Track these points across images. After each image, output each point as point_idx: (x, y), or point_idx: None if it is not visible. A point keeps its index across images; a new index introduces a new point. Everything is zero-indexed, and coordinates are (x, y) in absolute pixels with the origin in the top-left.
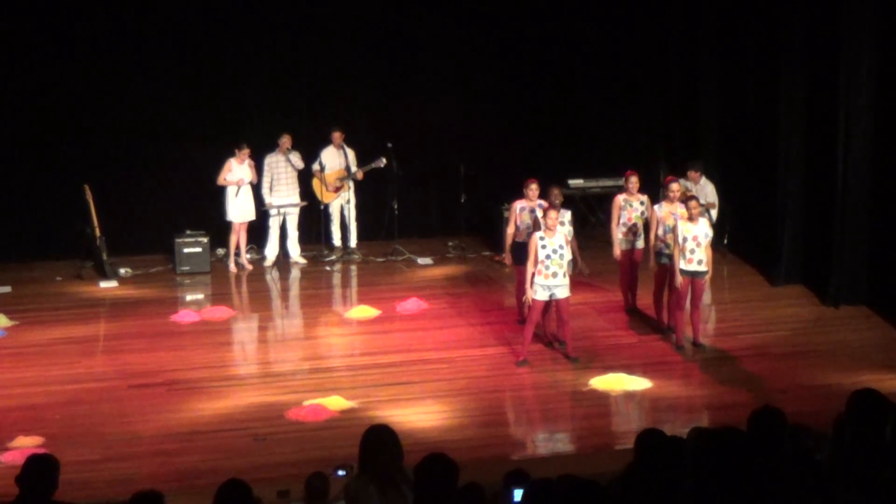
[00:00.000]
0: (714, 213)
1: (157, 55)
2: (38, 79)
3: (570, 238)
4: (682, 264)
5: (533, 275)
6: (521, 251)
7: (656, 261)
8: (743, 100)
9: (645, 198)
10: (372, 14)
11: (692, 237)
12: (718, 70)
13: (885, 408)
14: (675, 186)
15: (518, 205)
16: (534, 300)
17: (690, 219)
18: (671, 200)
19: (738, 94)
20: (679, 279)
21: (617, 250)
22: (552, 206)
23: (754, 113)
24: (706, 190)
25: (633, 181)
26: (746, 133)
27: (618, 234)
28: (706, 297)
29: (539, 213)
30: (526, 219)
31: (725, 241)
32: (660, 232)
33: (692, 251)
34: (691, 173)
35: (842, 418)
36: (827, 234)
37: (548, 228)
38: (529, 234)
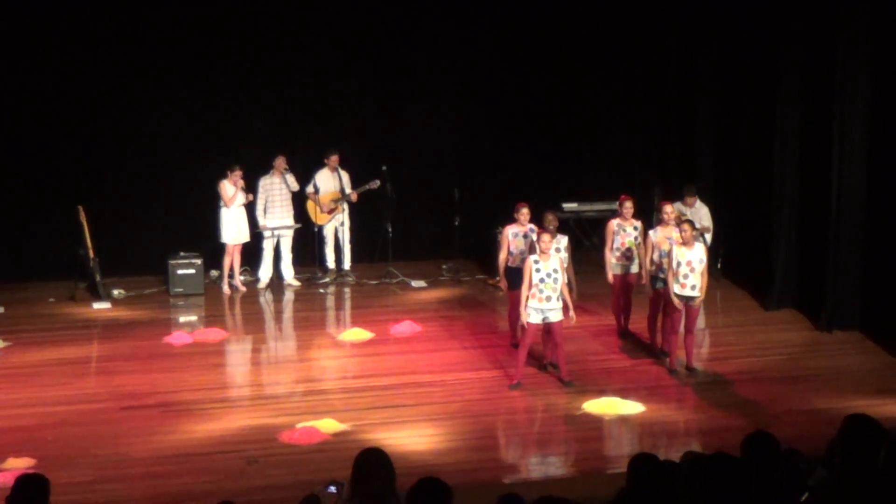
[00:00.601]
0: (708, 237)
1: (151, 77)
2: (32, 100)
3: (566, 265)
4: (675, 289)
5: (527, 298)
6: (514, 276)
7: (651, 285)
8: (738, 127)
9: (639, 223)
10: (368, 37)
11: (686, 262)
12: (714, 96)
13: (878, 433)
14: (668, 209)
15: (510, 230)
16: (528, 323)
17: (684, 243)
18: (665, 224)
19: (733, 121)
20: (676, 303)
21: (610, 274)
22: (545, 230)
23: (749, 140)
24: (701, 213)
25: (628, 206)
26: (741, 159)
27: (611, 258)
28: (700, 322)
29: (533, 237)
30: (519, 244)
31: (719, 266)
32: (655, 256)
33: (685, 276)
34: (687, 197)
35: (834, 443)
36: (820, 259)
37: (542, 252)
38: (523, 259)
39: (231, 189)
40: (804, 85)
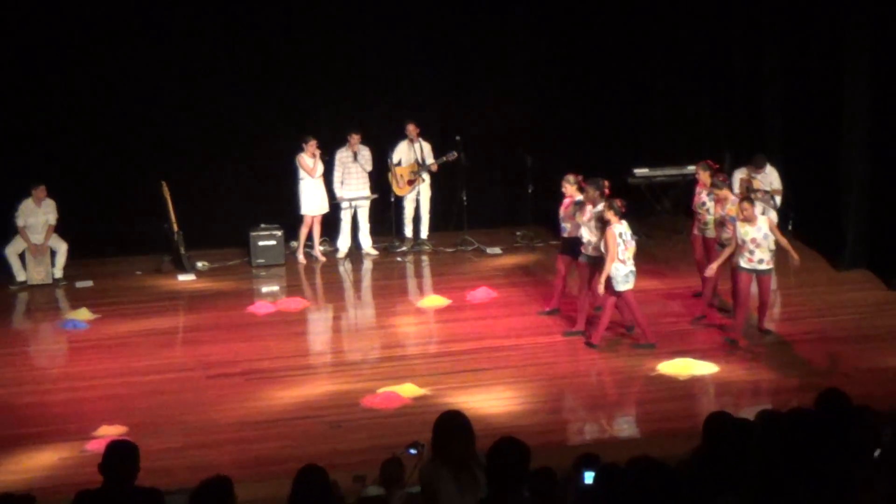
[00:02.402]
0: (778, 199)
1: (229, 58)
2: (118, 84)
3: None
4: (742, 263)
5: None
6: (571, 245)
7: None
8: (806, 88)
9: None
10: (442, 13)
11: (750, 240)
12: (781, 60)
13: None
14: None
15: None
16: (626, 291)
17: (747, 220)
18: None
19: (801, 83)
20: (742, 275)
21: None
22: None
23: (817, 100)
24: (771, 177)
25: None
26: (810, 120)
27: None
28: (771, 283)
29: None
30: (572, 212)
31: (790, 227)
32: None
33: (751, 252)
34: (757, 164)
35: None
36: (892, 219)
37: (615, 217)
38: (578, 227)
39: (310, 160)
40: (872, 42)
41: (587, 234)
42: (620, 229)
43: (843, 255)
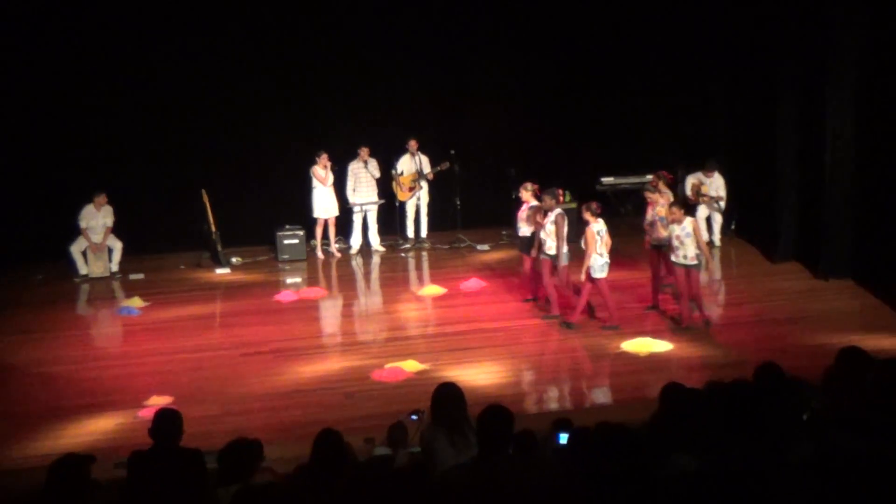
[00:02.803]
0: (723, 203)
1: (259, 89)
2: (167, 109)
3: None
4: (674, 258)
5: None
6: (528, 244)
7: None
8: (746, 107)
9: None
10: (438, 47)
11: (675, 236)
12: (726, 83)
13: (868, 362)
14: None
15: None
16: (601, 279)
17: (675, 221)
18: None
19: (742, 102)
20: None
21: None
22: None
23: (755, 117)
24: (718, 183)
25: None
26: (749, 138)
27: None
28: (717, 273)
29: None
30: (527, 215)
31: (733, 227)
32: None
33: (677, 248)
34: (707, 170)
35: (831, 371)
36: (817, 219)
37: (593, 217)
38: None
39: (322, 171)
40: (801, 69)
41: (543, 235)
42: (598, 227)
43: (777, 249)
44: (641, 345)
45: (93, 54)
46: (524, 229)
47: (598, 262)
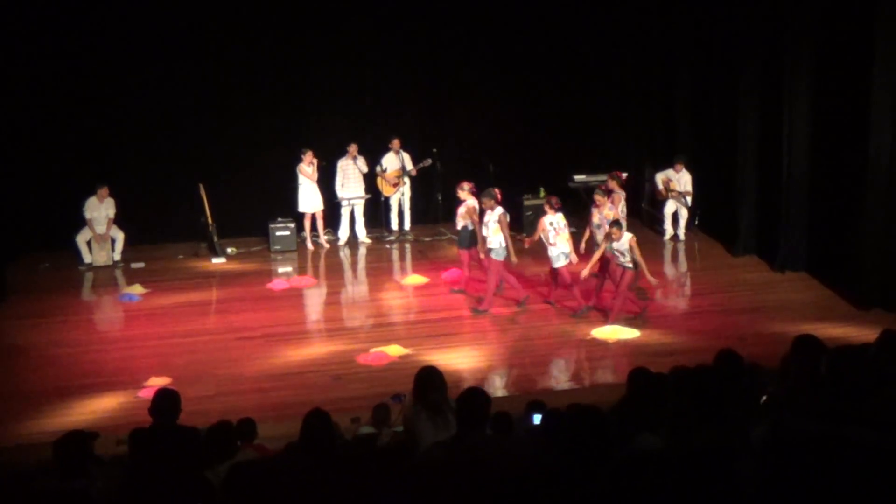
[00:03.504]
0: (689, 199)
1: (253, 89)
2: (165, 108)
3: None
4: (617, 262)
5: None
6: (466, 238)
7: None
8: (709, 112)
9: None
10: (419, 51)
11: (616, 251)
12: (690, 87)
13: (820, 349)
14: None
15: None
16: (561, 267)
17: (614, 239)
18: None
19: (706, 104)
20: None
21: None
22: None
23: (718, 118)
24: (685, 179)
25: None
26: (713, 138)
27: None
28: (682, 266)
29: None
30: (464, 212)
31: (696, 222)
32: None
33: (617, 256)
34: (676, 165)
35: (787, 357)
36: (775, 216)
37: (551, 210)
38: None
39: (308, 168)
40: (760, 72)
41: (485, 232)
42: (551, 219)
43: (737, 243)
44: (610, 332)
45: (95, 54)
46: (461, 223)
47: (554, 252)
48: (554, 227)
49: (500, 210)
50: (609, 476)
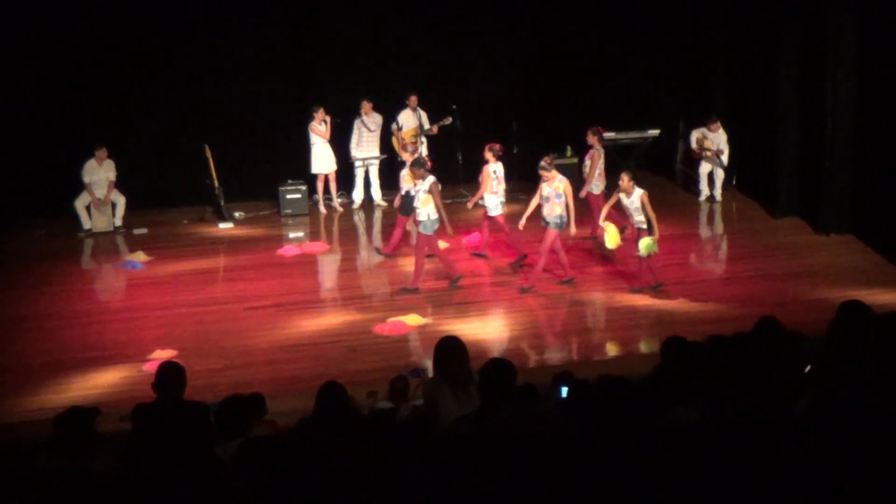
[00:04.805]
0: (725, 158)
1: (262, 45)
2: (169, 64)
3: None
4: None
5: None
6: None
7: None
8: (748, 63)
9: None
10: (441, 3)
11: (625, 206)
12: (727, 38)
13: (868, 316)
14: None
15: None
16: (498, 216)
17: (624, 191)
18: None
19: (743, 58)
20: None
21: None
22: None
23: (757, 73)
24: (721, 138)
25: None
26: (751, 91)
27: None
28: (718, 228)
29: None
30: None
31: (734, 181)
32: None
33: (630, 215)
34: (710, 124)
35: (833, 325)
36: (818, 174)
37: (493, 158)
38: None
39: (321, 126)
40: (802, 21)
41: (417, 203)
42: (495, 167)
43: (777, 204)
44: (612, 235)
45: (96, 9)
46: (405, 188)
47: (494, 201)
48: (496, 176)
49: (431, 179)
50: (641, 451)
